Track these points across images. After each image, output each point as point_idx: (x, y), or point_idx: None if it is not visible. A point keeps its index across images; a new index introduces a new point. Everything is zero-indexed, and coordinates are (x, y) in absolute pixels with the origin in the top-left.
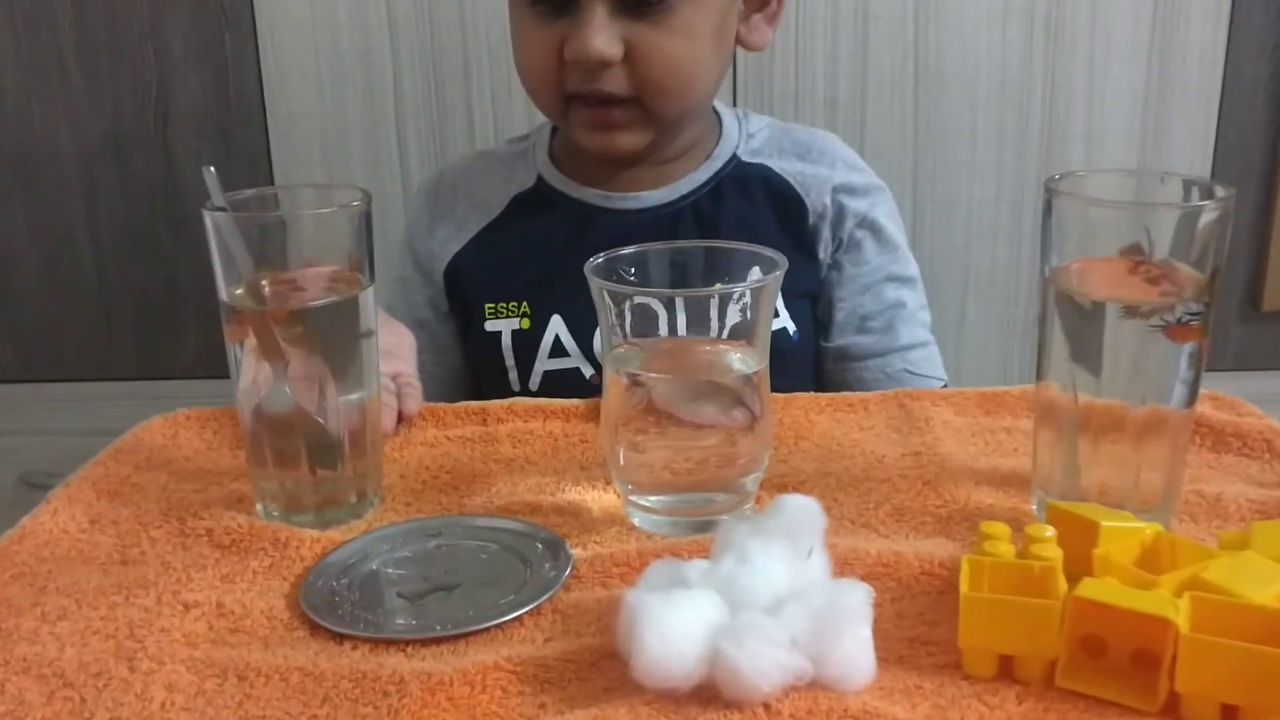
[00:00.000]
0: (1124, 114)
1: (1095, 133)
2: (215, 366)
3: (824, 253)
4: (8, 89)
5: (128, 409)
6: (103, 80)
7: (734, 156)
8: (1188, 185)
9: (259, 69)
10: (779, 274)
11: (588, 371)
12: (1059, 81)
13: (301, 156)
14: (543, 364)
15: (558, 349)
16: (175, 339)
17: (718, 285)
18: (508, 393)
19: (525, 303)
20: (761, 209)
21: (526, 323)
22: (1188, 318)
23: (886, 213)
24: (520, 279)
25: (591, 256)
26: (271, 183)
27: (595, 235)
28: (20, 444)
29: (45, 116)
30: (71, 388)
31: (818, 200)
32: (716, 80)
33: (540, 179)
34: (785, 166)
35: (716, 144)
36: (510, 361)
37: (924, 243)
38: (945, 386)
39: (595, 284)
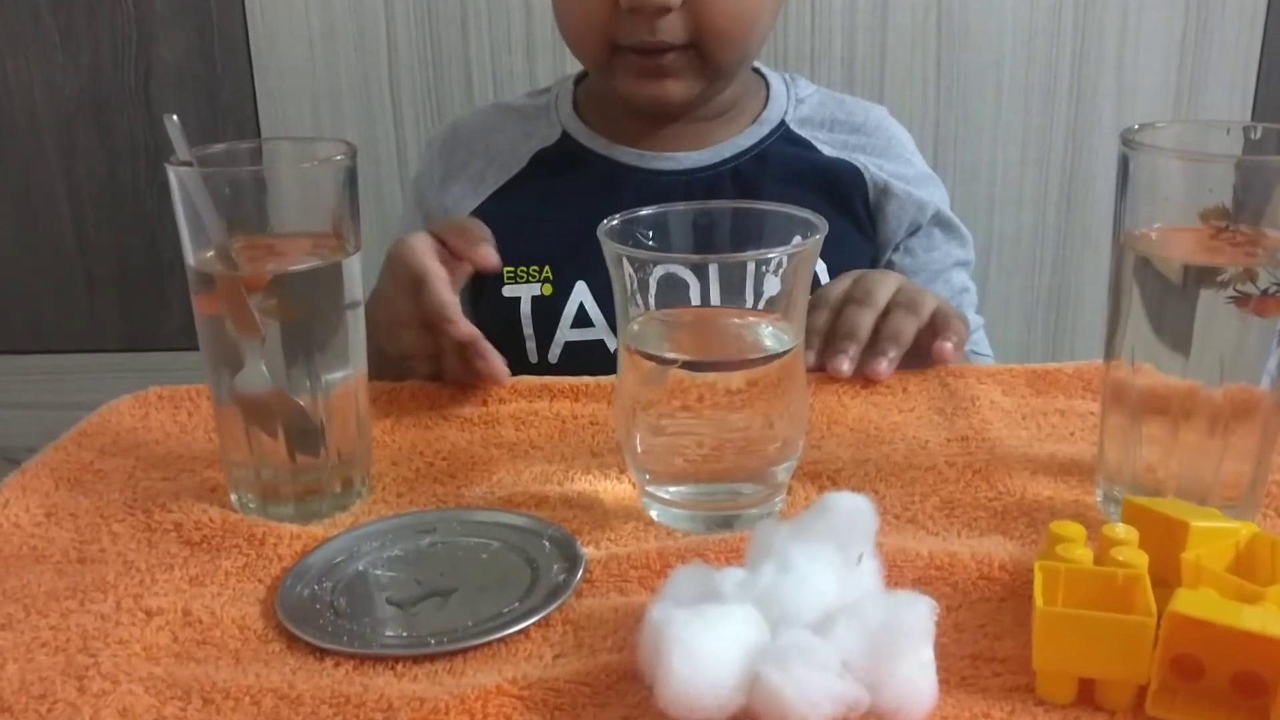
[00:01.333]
0: (1157, 70)
1: (1127, 89)
2: None
3: (886, 233)
4: None
5: (111, 382)
6: (79, 33)
7: (782, 123)
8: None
9: (245, 21)
10: (819, 238)
11: (613, 344)
12: (1089, 36)
13: (291, 114)
14: (564, 334)
15: (581, 318)
16: (161, 308)
17: (750, 251)
18: (524, 365)
19: (547, 267)
20: (810, 179)
21: (548, 289)
22: (1276, 289)
23: (943, 197)
24: (542, 240)
25: None
26: None
27: (625, 197)
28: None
29: (18, 72)
30: (52, 360)
31: (877, 175)
32: (772, 23)
33: (565, 134)
34: (838, 140)
35: (764, 107)
36: (529, 330)
37: None
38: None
39: (611, 248)
